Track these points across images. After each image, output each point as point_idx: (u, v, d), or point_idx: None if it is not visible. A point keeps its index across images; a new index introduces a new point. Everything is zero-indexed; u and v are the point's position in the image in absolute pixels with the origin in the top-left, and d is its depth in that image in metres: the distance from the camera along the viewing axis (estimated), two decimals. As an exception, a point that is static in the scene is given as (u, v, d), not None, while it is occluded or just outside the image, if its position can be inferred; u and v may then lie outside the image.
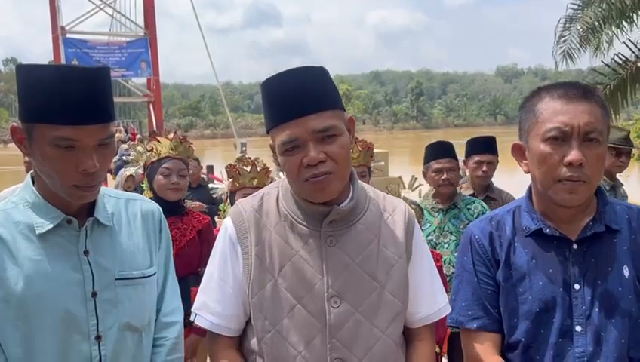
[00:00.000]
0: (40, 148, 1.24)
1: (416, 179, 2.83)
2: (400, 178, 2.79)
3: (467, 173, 5.29)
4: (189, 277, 2.63)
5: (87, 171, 1.25)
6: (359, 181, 1.41)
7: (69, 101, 1.20)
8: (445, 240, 3.03)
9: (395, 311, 1.35)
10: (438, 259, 2.59)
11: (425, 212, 2.93)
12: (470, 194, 3.39)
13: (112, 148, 1.31)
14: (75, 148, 1.23)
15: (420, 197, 3.10)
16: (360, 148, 2.83)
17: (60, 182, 1.26)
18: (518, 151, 1.45)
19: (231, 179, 2.87)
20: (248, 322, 1.38)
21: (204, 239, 2.69)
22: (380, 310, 1.33)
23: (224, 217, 3.00)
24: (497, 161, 3.49)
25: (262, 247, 1.34)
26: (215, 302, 1.38)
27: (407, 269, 1.38)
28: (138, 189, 3.91)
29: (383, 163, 3.23)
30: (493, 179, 3.55)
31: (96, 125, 1.24)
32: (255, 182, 2.82)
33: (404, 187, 2.68)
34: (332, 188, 1.29)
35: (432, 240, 3.03)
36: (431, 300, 1.43)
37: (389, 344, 1.34)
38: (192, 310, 1.43)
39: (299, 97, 1.25)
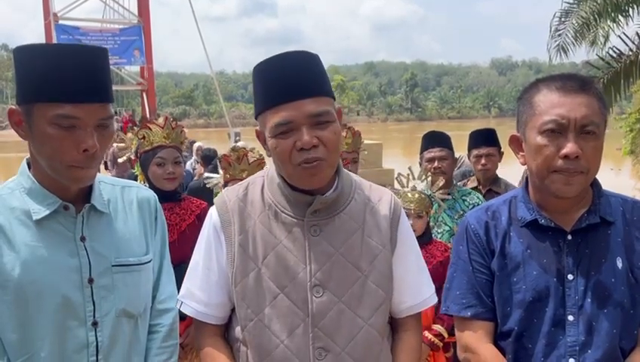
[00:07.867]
0: (40, 128, 1.22)
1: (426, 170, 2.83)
2: (410, 168, 2.78)
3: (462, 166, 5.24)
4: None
5: (88, 152, 1.24)
6: (345, 170, 1.41)
7: (69, 79, 1.20)
8: (439, 231, 3.03)
9: (379, 300, 1.35)
10: (446, 249, 2.59)
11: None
12: (473, 188, 3.40)
13: (112, 130, 1.31)
14: (76, 127, 1.23)
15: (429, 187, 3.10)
16: (352, 135, 3.02)
17: (60, 162, 1.25)
18: (516, 143, 1.46)
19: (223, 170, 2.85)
20: (233, 310, 1.38)
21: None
22: (363, 299, 1.33)
23: None
24: (501, 153, 3.48)
25: (245, 236, 1.33)
26: (200, 290, 1.39)
27: (392, 259, 1.38)
28: (131, 177, 3.86)
29: (366, 152, 3.25)
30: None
31: (96, 104, 1.24)
32: (245, 175, 2.77)
33: (414, 178, 2.70)
34: (323, 175, 1.28)
35: None
36: (416, 290, 1.43)
37: (372, 333, 1.34)
38: (177, 297, 1.44)
39: (295, 80, 1.25)
